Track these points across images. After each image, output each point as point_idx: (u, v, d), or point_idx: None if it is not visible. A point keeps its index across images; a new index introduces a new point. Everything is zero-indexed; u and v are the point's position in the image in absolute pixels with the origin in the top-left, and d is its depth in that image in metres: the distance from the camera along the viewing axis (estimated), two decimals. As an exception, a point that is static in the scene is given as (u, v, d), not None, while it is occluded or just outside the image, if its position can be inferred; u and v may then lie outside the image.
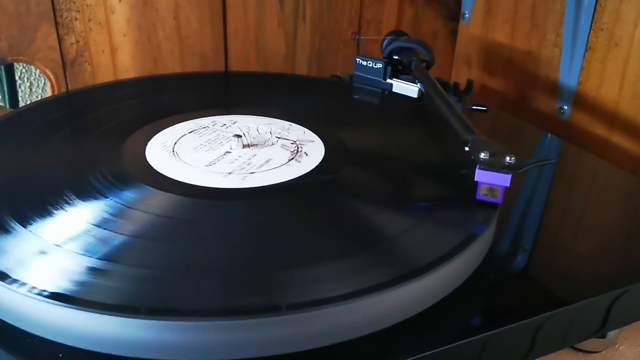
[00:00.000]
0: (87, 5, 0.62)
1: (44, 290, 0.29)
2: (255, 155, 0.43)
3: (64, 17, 0.61)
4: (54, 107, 0.51)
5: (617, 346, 0.43)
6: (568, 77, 0.67)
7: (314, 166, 0.42)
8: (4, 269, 0.30)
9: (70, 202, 0.36)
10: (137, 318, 0.27)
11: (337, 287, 0.30)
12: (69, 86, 0.64)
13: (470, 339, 0.31)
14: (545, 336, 0.34)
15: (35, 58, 0.62)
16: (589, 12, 0.63)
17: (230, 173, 0.40)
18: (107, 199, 0.36)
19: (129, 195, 0.37)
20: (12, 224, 0.34)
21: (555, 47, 0.68)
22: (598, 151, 0.65)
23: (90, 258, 0.31)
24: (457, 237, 0.35)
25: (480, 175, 0.37)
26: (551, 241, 0.42)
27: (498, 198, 0.38)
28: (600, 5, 0.62)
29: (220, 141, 0.45)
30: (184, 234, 0.34)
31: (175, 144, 0.44)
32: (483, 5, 0.78)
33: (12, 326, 0.30)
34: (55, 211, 0.35)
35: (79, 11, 0.61)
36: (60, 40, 0.62)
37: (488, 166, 0.37)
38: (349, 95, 0.60)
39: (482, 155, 0.38)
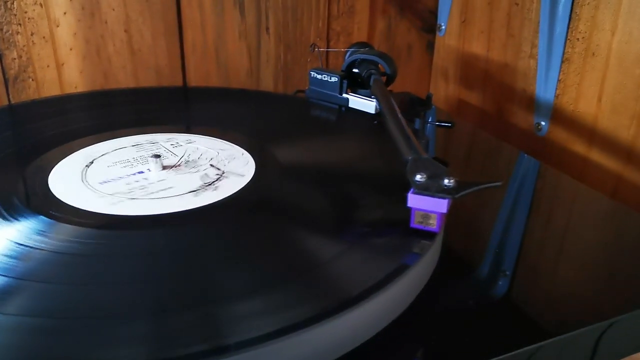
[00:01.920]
0: (29, 19, 0.58)
1: None
2: (175, 177, 0.39)
3: (4, 31, 0.58)
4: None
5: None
6: (545, 90, 0.63)
7: (241, 187, 0.38)
8: None
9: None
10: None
11: (255, 326, 0.26)
12: (12, 103, 0.60)
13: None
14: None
15: (-25, 74, 0.58)
16: (564, 20, 0.59)
17: (140, 198, 0.36)
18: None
19: (17, 227, 0.33)
20: None
21: (531, 58, 0.64)
22: (577, 170, 0.60)
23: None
24: (384, 269, 0.30)
25: (414, 201, 0.33)
26: (531, 268, 0.38)
27: (434, 226, 0.33)
28: (576, 13, 0.58)
29: (137, 163, 0.41)
30: (81, 273, 0.30)
31: (87, 166, 0.40)
32: (459, 16, 0.74)
33: None
34: None
35: (20, 24, 0.58)
36: (0, 56, 0.58)
37: (422, 190, 0.33)
38: (300, 112, 0.55)
39: (418, 177, 0.34)
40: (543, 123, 0.63)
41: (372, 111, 0.53)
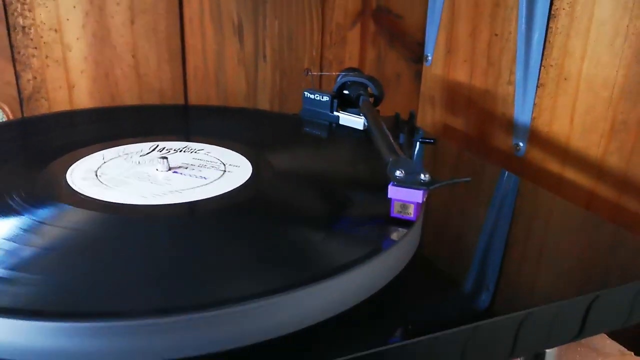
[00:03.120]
0: (44, 43, 0.63)
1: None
2: (179, 176, 0.43)
3: (21, 54, 0.62)
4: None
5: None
6: (522, 113, 0.67)
7: (239, 185, 0.42)
8: None
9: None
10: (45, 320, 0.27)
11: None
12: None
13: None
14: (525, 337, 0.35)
15: (-8, 93, 0.63)
16: (539, 48, 0.64)
17: (147, 194, 0.40)
18: (21, 216, 0.36)
19: (41, 211, 0.37)
20: None
21: (509, 85, 0.69)
22: (553, 187, 0.64)
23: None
24: (362, 249, 0.34)
25: (393, 192, 0.37)
26: (513, 266, 0.42)
27: (411, 215, 0.37)
28: (549, 41, 0.63)
29: (146, 163, 0.45)
30: (96, 247, 0.34)
31: (99, 167, 0.44)
32: (444, 46, 0.79)
33: None
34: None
35: (36, 48, 0.63)
36: (17, 77, 0.63)
37: (401, 183, 0.37)
38: (294, 127, 0.60)
39: (397, 173, 0.38)
40: (521, 144, 0.68)
41: (360, 127, 0.58)
